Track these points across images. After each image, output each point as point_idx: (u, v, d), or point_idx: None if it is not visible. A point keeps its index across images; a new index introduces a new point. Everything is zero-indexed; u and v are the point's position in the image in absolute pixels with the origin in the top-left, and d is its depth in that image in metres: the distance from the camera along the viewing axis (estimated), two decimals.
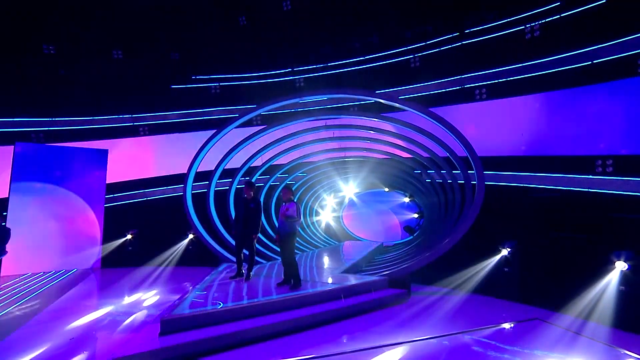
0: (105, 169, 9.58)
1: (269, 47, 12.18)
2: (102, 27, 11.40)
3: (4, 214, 7.45)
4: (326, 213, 13.15)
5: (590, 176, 7.00)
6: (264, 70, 12.18)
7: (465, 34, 8.84)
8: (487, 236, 7.02)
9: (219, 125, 11.70)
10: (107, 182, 9.89)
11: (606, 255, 5.77)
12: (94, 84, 11.21)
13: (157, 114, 11.72)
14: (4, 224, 7.20)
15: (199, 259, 9.75)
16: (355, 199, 13.36)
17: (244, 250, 6.29)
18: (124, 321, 5.04)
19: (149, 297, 6.39)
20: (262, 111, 8.06)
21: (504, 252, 6.61)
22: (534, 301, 5.80)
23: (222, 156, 9.26)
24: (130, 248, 9.56)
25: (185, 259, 9.68)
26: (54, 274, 8.39)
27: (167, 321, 4.10)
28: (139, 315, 5.29)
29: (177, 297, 6.40)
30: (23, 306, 5.82)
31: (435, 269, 6.81)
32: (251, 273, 6.31)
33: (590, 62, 7.04)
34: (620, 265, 5.44)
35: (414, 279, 6.81)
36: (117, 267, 9.13)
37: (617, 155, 6.90)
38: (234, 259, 8.75)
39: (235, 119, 8.06)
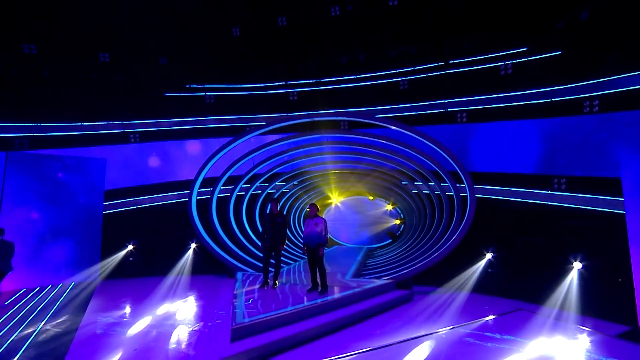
0: (104, 179, 9.35)
1: (263, 59, 12.57)
2: (87, 28, 10.95)
3: (1, 228, 7.10)
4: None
5: (550, 192, 8.64)
6: (258, 82, 12.56)
7: (450, 64, 10.19)
8: (470, 242, 8.31)
9: (214, 134, 11.98)
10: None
11: (565, 256, 7.35)
12: (81, 87, 10.75)
13: (148, 121, 11.53)
14: (2, 238, 6.91)
15: (201, 267, 9.95)
16: (340, 206, 14.28)
17: (271, 261, 6.85)
18: (172, 332, 5.37)
19: (179, 308, 6.65)
20: (295, 122, 9.15)
21: (488, 255, 7.96)
22: (515, 296, 7.17)
23: (229, 164, 9.62)
24: (131, 259, 9.46)
25: (186, 268, 9.80)
26: (53, 288, 8.09)
27: (237, 329, 4.61)
28: (184, 326, 5.63)
29: (193, 304, 6.76)
30: (53, 322, 5.79)
31: (431, 272, 7.95)
32: (277, 281, 6.89)
33: (550, 100, 8.70)
34: (577, 265, 6.99)
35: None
36: (119, 279, 9.00)
37: (569, 175, 8.62)
38: (242, 266, 9.22)
39: (263, 126, 8.79)
